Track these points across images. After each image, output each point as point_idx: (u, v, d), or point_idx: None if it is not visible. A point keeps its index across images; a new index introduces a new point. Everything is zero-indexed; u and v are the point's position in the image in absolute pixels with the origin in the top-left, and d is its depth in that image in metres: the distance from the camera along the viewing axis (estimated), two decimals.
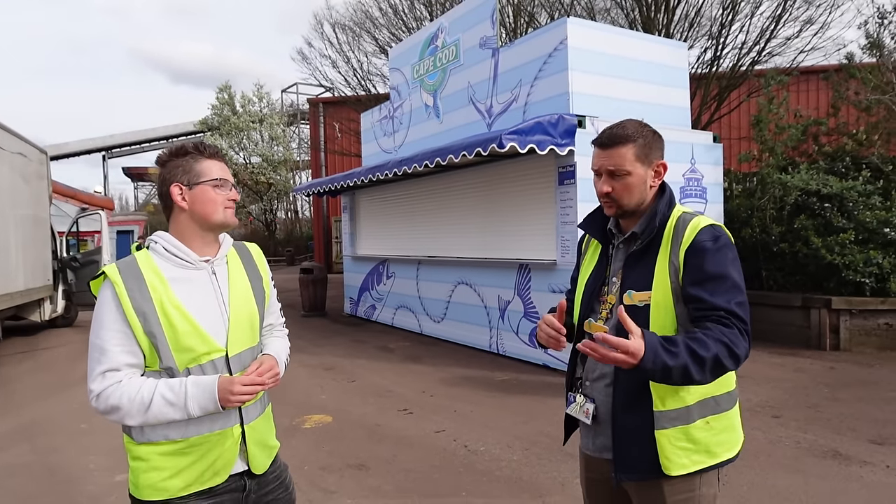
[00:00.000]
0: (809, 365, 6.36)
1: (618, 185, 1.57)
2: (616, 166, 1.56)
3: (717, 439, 1.54)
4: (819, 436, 4.24)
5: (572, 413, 1.70)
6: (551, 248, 6.37)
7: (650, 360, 1.32)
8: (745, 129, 12.80)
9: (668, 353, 1.34)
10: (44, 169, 9.66)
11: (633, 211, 1.61)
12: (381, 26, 14.40)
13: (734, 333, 1.41)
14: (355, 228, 11.04)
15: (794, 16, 10.47)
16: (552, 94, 6.46)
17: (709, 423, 1.52)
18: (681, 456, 1.50)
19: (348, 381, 6.15)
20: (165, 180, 1.57)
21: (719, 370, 1.40)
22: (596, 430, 1.64)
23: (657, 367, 1.33)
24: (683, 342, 1.38)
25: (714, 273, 1.45)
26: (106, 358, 1.43)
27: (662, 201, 1.59)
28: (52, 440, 4.57)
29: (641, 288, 1.52)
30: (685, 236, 1.50)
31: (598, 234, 1.71)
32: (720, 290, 1.44)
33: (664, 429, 1.49)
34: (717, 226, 1.53)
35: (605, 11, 11.86)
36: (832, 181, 7.64)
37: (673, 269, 1.50)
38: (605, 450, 1.61)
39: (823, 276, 7.24)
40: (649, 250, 1.56)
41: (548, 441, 4.21)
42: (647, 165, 1.58)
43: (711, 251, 1.47)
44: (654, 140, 1.59)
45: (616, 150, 1.56)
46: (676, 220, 1.56)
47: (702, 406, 1.52)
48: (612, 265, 1.67)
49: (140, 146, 40.41)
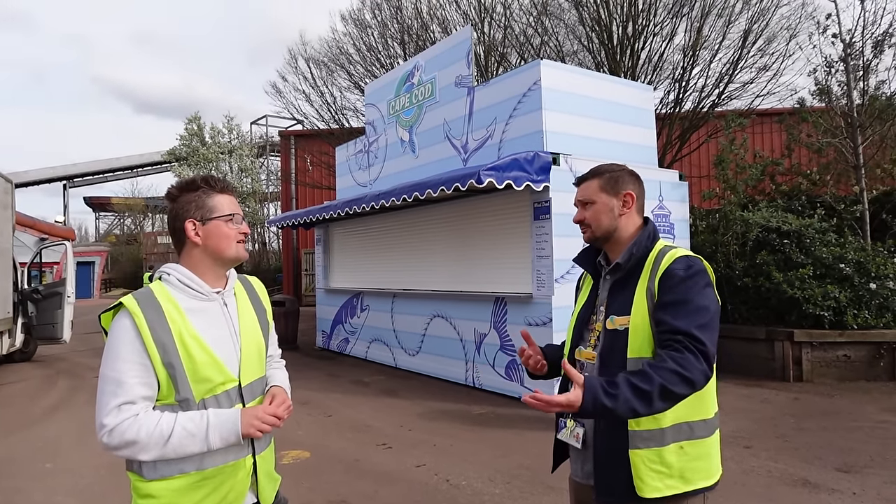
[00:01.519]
0: (775, 396, 6.56)
1: (588, 213, 1.78)
2: (584, 197, 1.79)
3: (692, 465, 1.59)
4: (789, 465, 4.38)
5: (563, 438, 1.77)
6: (527, 282, 6.49)
7: (589, 405, 1.41)
8: (705, 167, 13.36)
9: (607, 395, 1.42)
10: (8, 198, 9.41)
11: (607, 237, 1.76)
12: (355, 62, 14.66)
13: (685, 358, 1.47)
14: (329, 261, 11.01)
15: (749, 63, 11.12)
16: (527, 131, 6.68)
17: (683, 449, 1.58)
18: (654, 478, 1.55)
19: (325, 416, 6.07)
20: (178, 216, 1.59)
21: (671, 398, 1.46)
22: (584, 455, 1.71)
23: (598, 410, 1.42)
24: (625, 380, 1.45)
25: (679, 298, 1.56)
26: (122, 390, 1.42)
27: (644, 233, 1.73)
28: (15, 481, 4.38)
29: (622, 313, 1.64)
30: (661, 265, 1.63)
31: (590, 266, 1.86)
32: (682, 314, 1.53)
33: (638, 448, 1.56)
34: (693, 257, 1.64)
35: (573, 54, 12.35)
36: (791, 218, 8.03)
37: (650, 295, 1.61)
38: (592, 476, 1.68)
39: (785, 309, 7.53)
40: (631, 279, 1.68)
41: (528, 474, 4.24)
42: (613, 195, 1.75)
43: (682, 278, 1.58)
44: (622, 175, 1.78)
45: (585, 184, 1.82)
46: (658, 251, 1.69)
47: (676, 430, 1.58)
48: (599, 295, 1.79)
49: (104, 175, 39.62)
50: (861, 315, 7.15)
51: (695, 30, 10.89)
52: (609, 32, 11.23)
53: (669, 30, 11.16)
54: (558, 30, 12.28)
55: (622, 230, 1.74)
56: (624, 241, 1.74)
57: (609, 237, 1.75)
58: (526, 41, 12.62)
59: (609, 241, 1.77)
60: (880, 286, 7.24)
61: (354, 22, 14.42)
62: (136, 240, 39.53)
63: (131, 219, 43.97)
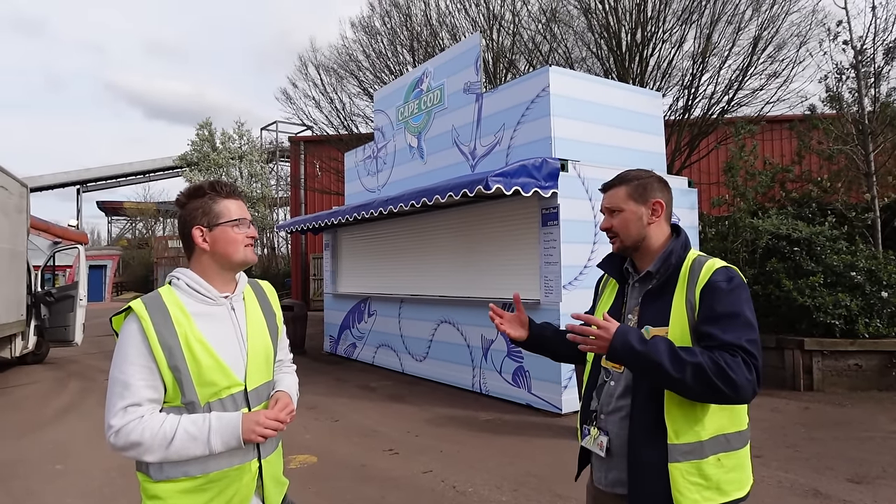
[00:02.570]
0: (785, 405, 6.50)
1: (615, 222, 1.74)
2: (611, 204, 1.75)
3: (728, 477, 1.58)
4: (800, 475, 4.34)
5: (587, 445, 1.75)
6: (535, 288, 6.48)
7: (618, 341, 1.50)
8: (714, 174, 13.31)
9: (640, 340, 1.50)
10: (24, 202, 9.53)
11: (636, 246, 1.73)
12: (364, 69, 14.74)
13: (735, 361, 1.47)
14: (337, 266, 11.05)
15: (759, 69, 11.08)
16: (535, 138, 6.69)
17: (720, 461, 1.57)
18: (693, 491, 1.54)
19: (332, 421, 6.09)
20: (186, 223, 1.61)
21: (707, 384, 1.45)
22: (609, 463, 1.69)
23: (625, 349, 1.49)
24: (665, 341, 1.50)
25: (727, 311, 1.54)
26: (129, 392, 1.44)
27: (678, 243, 1.70)
28: (26, 482, 4.42)
29: (659, 324, 1.61)
30: (701, 276, 1.60)
31: (616, 273, 1.82)
32: (731, 328, 1.52)
33: (677, 462, 1.54)
34: (730, 268, 1.62)
35: (581, 60, 12.36)
36: (801, 226, 7.98)
37: (689, 307, 1.59)
38: (618, 484, 1.66)
39: (795, 317, 7.47)
40: (665, 289, 1.66)
41: (536, 482, 4.22)
42: (642, 203, 1.72)
43: (725, 291, 1.56)
44: (650, 182, 1.74)
45: (612, 191, 1.77)
46: (692, 261, 1.66)
47: (714, 442, 1.57)
48: (627, 303, 1.76)
49: (116, 180, 40.02)
50: (872, 323, 7.09)
51: (704, 36, 10.88)
52: (618, 39, 11.23)
53: (679, 36, 11.16)
54: (567, 36, 12.31)
55: (651, 239, 1.71)
56: (653, 250, 1.71)
57: (638, 247, 1.73)
58: (535, 48, 12.66)
59: (638, 251, 1.74)
60: (892, 294, 7.16)
61: (364, 29, 14.51)
62: (147, 244, 39.89)
63: (143, 223, 44.38)
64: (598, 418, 1.73)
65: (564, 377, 6.08)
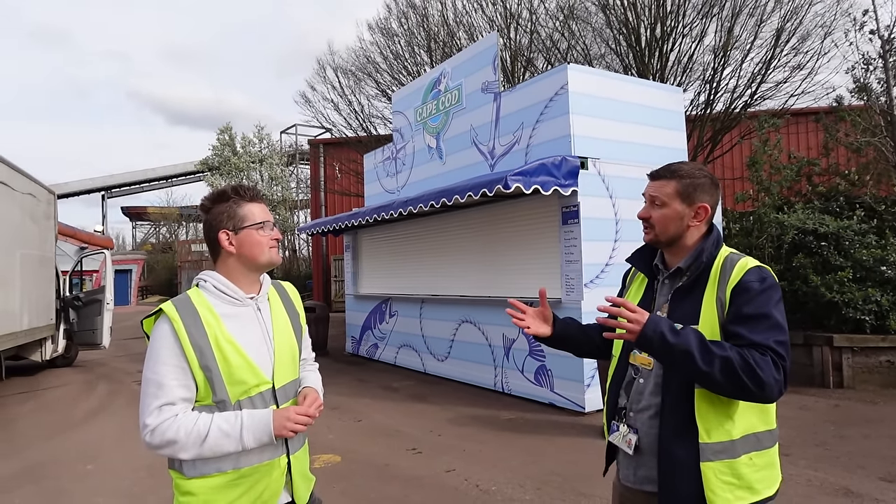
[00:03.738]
0: (814, 403, 6.38)
1: (655, 214, 1.69)
2: (656, 194, 1.69)
3: (759, 476, 1.56)
4: (829, 474, 4.25)
5: (615, 441, 1.73)
6: (556, 287, 6.45)
7: (649, 329, 1.48)
8: (738, 169, 13.11)
9: (670, 329, 1.48)
10: (51, 209, 9.76)
11: (669, 243, 1.70)
12: (382, 70, 14.80)
13: (764, 359, 1.45)
14: (358, 267, 11.11)
15: (783, 62, 10.88)
16: (554, 136, 6.65)
17: (752, 460, 1.55)
18: (725, 490, 1.52)
19: (354, 421, 6.12)
20: (212, 227, 1.65)
21: (734, 379, 1.44)
22: (638, 461, 1.67)
23: (655, 337, 1.47)
24: (695, 333, 1.49)
25: (756, 312, 1.51)
26: (163, 392, 1.48)
27: (709, 240, 1.67)
28: (58, 482, 4.53)
29: (688, 321, 1.58)
30: (732, 275, 1.58)
31: (645, 268, 1.80)
32: (760, 328, 1.50)
33: (710, 461, 1.52)
34: (763, 267, 1.59)
35: (600, 57, 12.27)
36: (828, 220, 7.81)
37: (719, 305, 1.57)
38: (647, 482, 1.64)
39: (823, 313, 7.32)
40: (696, 286, 1.63)
41: (559, 480, 4.20)
42: (688, 204, 1.66)
43: (757, 291, 1.53)
44: (703, 184, 1.67)
45: (660, 182, 1.71)
46: (724, 259, 1.63)
47: (745, 441, 1.55)
48: (657, 299, 1.74)
49: (140, 186, 40.73)
50: None
51: (725, 30, 10.71)
52: (637, 35, 11.12)
53: (699, 31, 11.00)
54: (585, 33, 12.22)
55: (687, 238, 1.68)
56: (686, 248, 1.69)
57: (672, 244, 1.70)
58: (552, 45, 12.59)
59: (669, 247, 1.72)
60: None
61: (381, 31, 14.58)
62: (170, 248, 40.53)
63: (166, 227, 45.13)
64: (628, 415, 1.71)
65: (587, 376, 6.04)
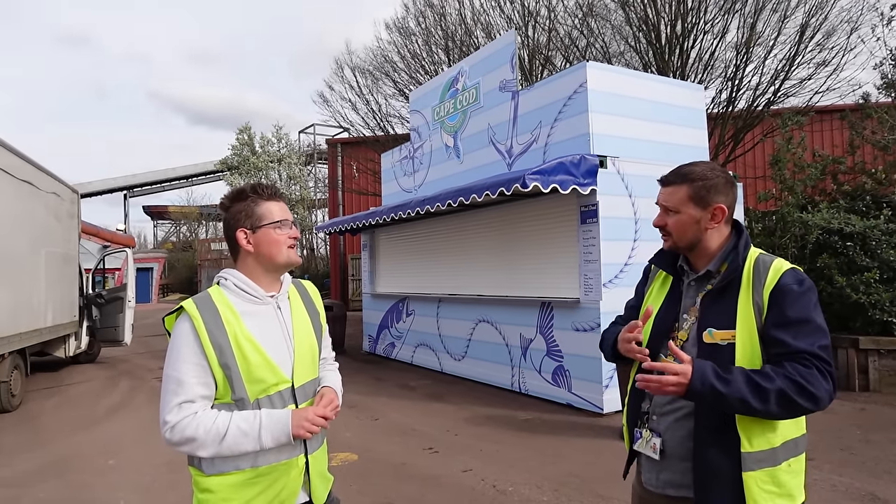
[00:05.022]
0: (839, 406, 6.24)
1: (670, 221, 1.65)
2: (668, 203, 1.65)
3: (796, 481, 1.53)
4: (854, 479, 4.16)
5: (639, 449, 1.69)
6: (574, 287, 6.40)
7: (698, 383, 1.41)
8: (760, 168, 12.90)
9: (718, 378, 1.41)
10: (74, 208, 9.93)
11: (690, 248, 1.65)
12: (399, 70, 14.82)
13: (811, 373, 1.41)
14: (375, 266, 11.14)
15: (807, 58, 10.68)
16: (572, 135, 6.60)
17: (790, 466, 1.52)
18: (766, 500, 1.48)
19: (371, 420, 6.13)
20: (231, 226, 1.65)
21: (790, 406, 1.40)
22: (661, 465, 1.63)
23: (706, 391, 1.41)
24: (742, 373, 1.43)
25: (799, 317, 1.47)
26: (183, 389, 1.48)
27: (741, 242, 1.61)
28: (81, 476, 4.60)
29: (723, 326, 1.53)
30: (769, 278, 1.52)
31: (670, 269, 1.74)
32: (803, 333, 1.46)
33: (751, 471, 1.48)
34: (798, 269, 1.55)
35: (619, 55, 12.15)
36: (854, 220, 7.64)
37: (757, 309, 1.51)
38: (670, 486, 1.61)
39: (849, 315, 7.17)
40: (728, 289, 1.57)
41: (577, 482, 4.16)
42: (703, 207, 1.61)
43: (797, 294, 1.49)
44: (715, 185, 1.61)
45: (671, 188, 1.66)
46: (755, 260, 1.58)
47: (785, 448, 1.51)
48: (683, 301, 1.68)
49: (160, 185, 41.35)
50: None
51: (748, 26, 10.54)
52: (657, 32, 10.99)
53: (721, 27, 10.83)
54: (604, 31, 12.11)
55: (707, 241, 1.63)
56: (709, 252, 1.63)
57: (692, 248, 1.65)
58: (571, 43, 12.50)
59: (693, 251, 1.67)
60: None
61: (398, 30, 14.60)
62: (191, 246, 41.05)
63: (186, 226, 45.71)
64: (651, 419, 1.67)
65: (605, 376, 5.98)
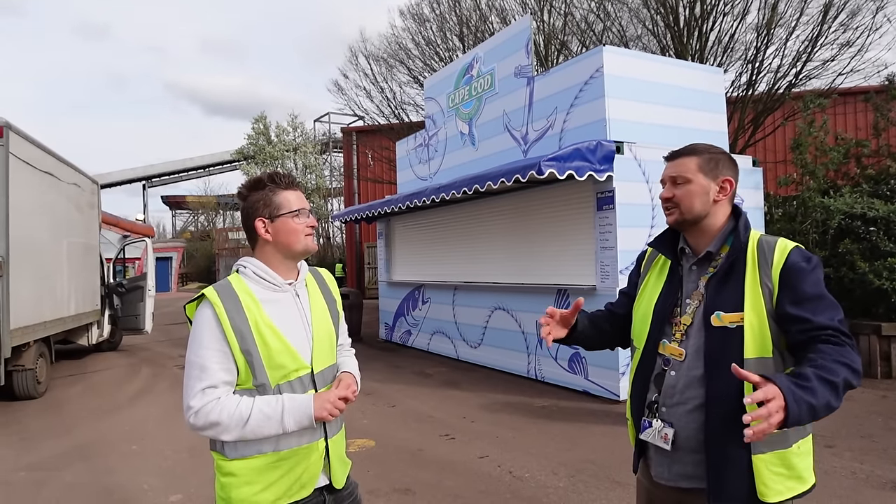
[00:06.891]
0: (860, 393, 6.16)
1: (678, 192, 1.63)
2: (678, 173, 1.64)
3: (805, 463, 1.53)
4: (876, 466, 4.11)
5: (648, 439, 1.65)
6: (590, 274, 6.36)
7: (794, 406, 1.26)
8: (780, 152, 12.66)
9: (805, 390, 1.29)
10: (95, 198, 10.07)
11: (696, 222, 1.63)
12: (414, 57, 14.77)
13: (848, 351, 1.40)
14: (391, 254, 11.18)
15: (830, 39, 10.42)
16: (589, 120, 6.53)
17: (799, 447, 1.51)
18: (777, 482, 1.48)
19: (388, 406, 6.19)
20: (249, 215, 1.66)
21: (847, 389, 1.38)
22: (673, 457, 1.60)
23: (803, 410, 1.27)
24: (814, 374, 1.34)
25: (814, 293, 1.47)
26: (206, 375, 1.51)
27: (741, 223, 1.61)
28: (106, 461, 4.70)
29: (731, 309, 1.52)
30: (776, 258, 1.52)
31: (670, 253, 1.72)
32: (821, 309, 1.45)
33: (761, 454, 1.47)
34: (801, 247, 1.55)
35: (637, 38, 11.97)
36: (878, 204, 7.49)
37: (766, 291, 1.50)
38: (683, 478, 1.58)
39: (871, 301, 7.05)
40: (732, 272, 1.56)
41: (594, 468, 4.17)
42: (712, 178, 1.62)
43: (807, 271, 1.49)
44: (722, 158, 1.64)
45: (679, 160, 1.66)
46: (756, 241, 1.57)
47: (794, 430, 1.49)
48: (685, 285, 1.66)
49: (178, 175, 41.76)
50: None
51: (769, 6, 10.30)
52: (675, 14, 10.80)
53: (741, 8, 10.62)
54: (621, 14, 11.94)
55: (713, 217, 1.62)
56: (711, 230, 1.62)
57: (697, 223, 1.63)
58: (587, 27, 12.34)
59: (695, 227, 1.65)
60: None
61: (413, 17, 14.53)
62: (209, 236, 41.51)
63: (204, 216, 46.21)
64: (660, 410, 1.64)
65: (622, 363, 5.96)
